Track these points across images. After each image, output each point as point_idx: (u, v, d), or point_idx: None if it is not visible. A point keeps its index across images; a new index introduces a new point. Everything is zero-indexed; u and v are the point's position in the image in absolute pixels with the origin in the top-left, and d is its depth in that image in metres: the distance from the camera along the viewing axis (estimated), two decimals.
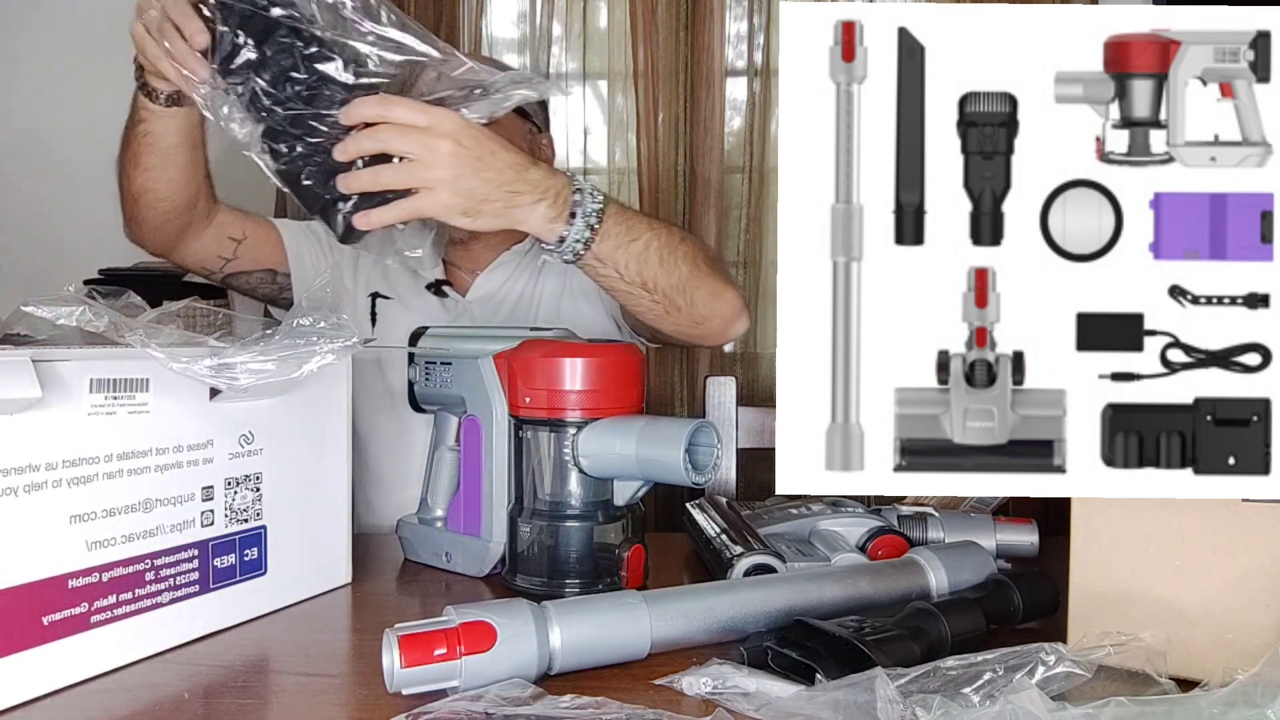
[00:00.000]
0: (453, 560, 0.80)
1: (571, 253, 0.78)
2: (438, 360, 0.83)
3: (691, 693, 0.53)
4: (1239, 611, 0.54)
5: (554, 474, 0.73)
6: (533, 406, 0.72)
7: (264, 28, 0.66)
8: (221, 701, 0.54)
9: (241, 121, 0.69)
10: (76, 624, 0.55)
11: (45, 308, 0.55)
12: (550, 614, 0.56)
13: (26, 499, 0.52)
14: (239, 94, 0.68)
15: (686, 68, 1.80)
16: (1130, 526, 0.56)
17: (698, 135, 1.78)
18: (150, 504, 0.59)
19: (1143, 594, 0.56)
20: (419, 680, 0.52)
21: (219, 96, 0.69)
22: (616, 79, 1.85)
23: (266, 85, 0.67)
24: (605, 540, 0.72)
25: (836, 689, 0.48)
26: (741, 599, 0.61)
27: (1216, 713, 0.43)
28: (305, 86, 0.68)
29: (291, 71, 0.67)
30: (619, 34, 1.84)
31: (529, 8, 1.88)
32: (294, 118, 0.68)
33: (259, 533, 0.68)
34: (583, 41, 1.87)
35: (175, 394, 0.60)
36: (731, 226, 1.80)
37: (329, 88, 0.68)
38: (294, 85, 0.67)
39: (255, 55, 0.67)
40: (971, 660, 0.49)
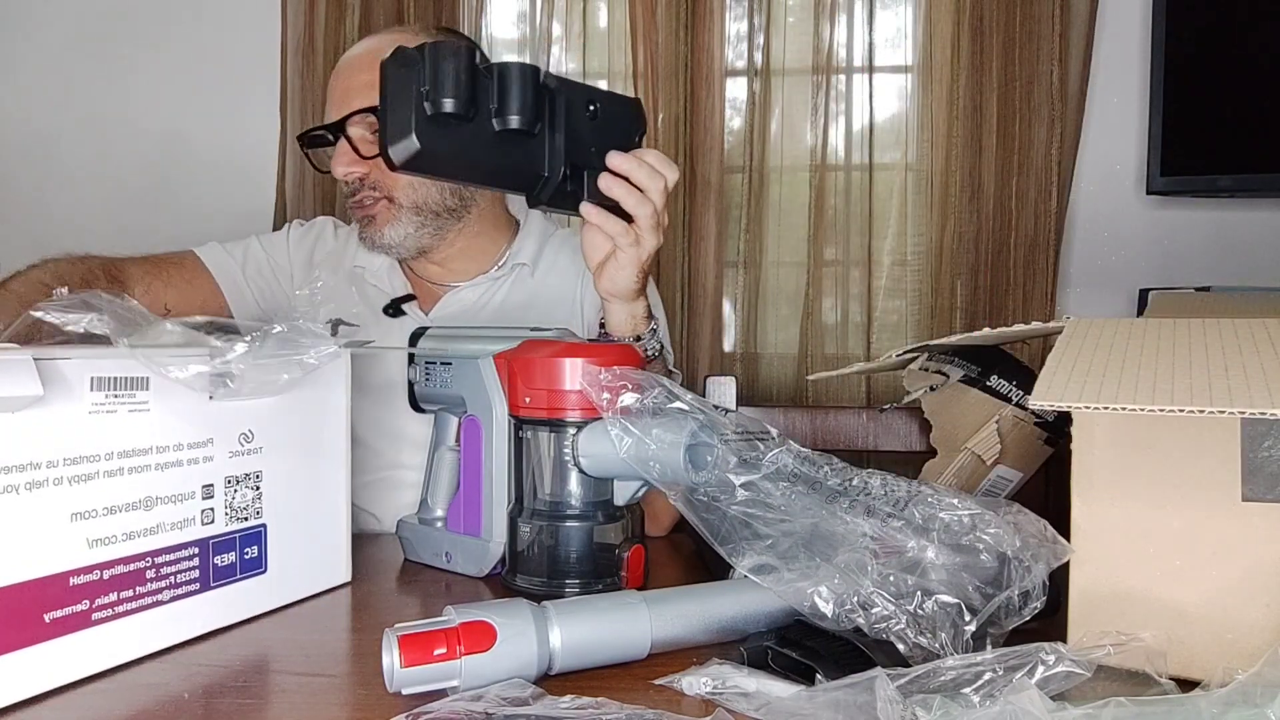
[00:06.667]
0: (453, 560, 0.80)
1: (641, 351, 0.88)
2: (438, 360, 0.83)
3: (691, 693, 0.53)
4: (1239, 611, 0.54)
5: (554, 474, 0.73)
6: (533, 406, 0.72)
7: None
8: (221, 701, 0.54)
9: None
10: (78, 621, 0.55)
11: (54, 313, 0.55)
12: (550, 614, 0.56)
13: (28, 496, 0.52)
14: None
15: (686, 68, 1.79)
16: (1130, 526, 0.57)
17: (697, 135, 1.78)
18: (151, 502, 0.60)
19: (1143, 594, 0.56)
20: (419, 680, 0.52)
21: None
22: (616, 79, 1.85)
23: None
24: (605, 540, 0.72)
25: (836, 689, 0.48)
26: (741, 599, 0.61)
27: (1216, 713, 0.43)
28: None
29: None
30: (619, 34, 1.84)
31: (529, 8, 1.88)
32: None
33: (259, 531, 0.68)
34: (583, 41, 1.87)
35: (176, 392, 0.61)
36: (731, 226, 1.80)
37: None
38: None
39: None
40: (971, 660, 0.49)
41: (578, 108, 0.79)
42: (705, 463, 0.68)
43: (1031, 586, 0.57)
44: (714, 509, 0.63)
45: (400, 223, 1.04)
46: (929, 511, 0.61)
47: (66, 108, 1.94)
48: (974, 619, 0.55)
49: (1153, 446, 0.56)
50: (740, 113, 1.81)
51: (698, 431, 0.66)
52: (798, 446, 0.65)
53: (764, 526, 0.62)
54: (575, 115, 0.79)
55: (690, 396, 0.67)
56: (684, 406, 0.67)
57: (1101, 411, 0.54)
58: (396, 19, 1.84)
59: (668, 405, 0.67)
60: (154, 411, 0.60)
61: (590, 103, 0.80)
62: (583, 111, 0.80)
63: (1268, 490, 0.54)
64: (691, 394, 0.68)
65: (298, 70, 1.85)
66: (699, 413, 0.66)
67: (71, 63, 1.94)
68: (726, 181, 1.80)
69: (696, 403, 0.67)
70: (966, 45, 1.69)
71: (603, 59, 1.86)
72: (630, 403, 0.67)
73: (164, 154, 1.92)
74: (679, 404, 0.67)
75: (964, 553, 0.59)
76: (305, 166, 1.84)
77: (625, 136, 0.83)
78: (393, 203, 1.04)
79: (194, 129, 1.92)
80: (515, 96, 0.74)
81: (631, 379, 0.68)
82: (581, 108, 0.80)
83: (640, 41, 1.80)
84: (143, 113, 1.92)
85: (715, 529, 0.62)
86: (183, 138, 1.92)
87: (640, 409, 0.67)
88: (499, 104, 0.74)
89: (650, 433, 0.65)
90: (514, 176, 0.78)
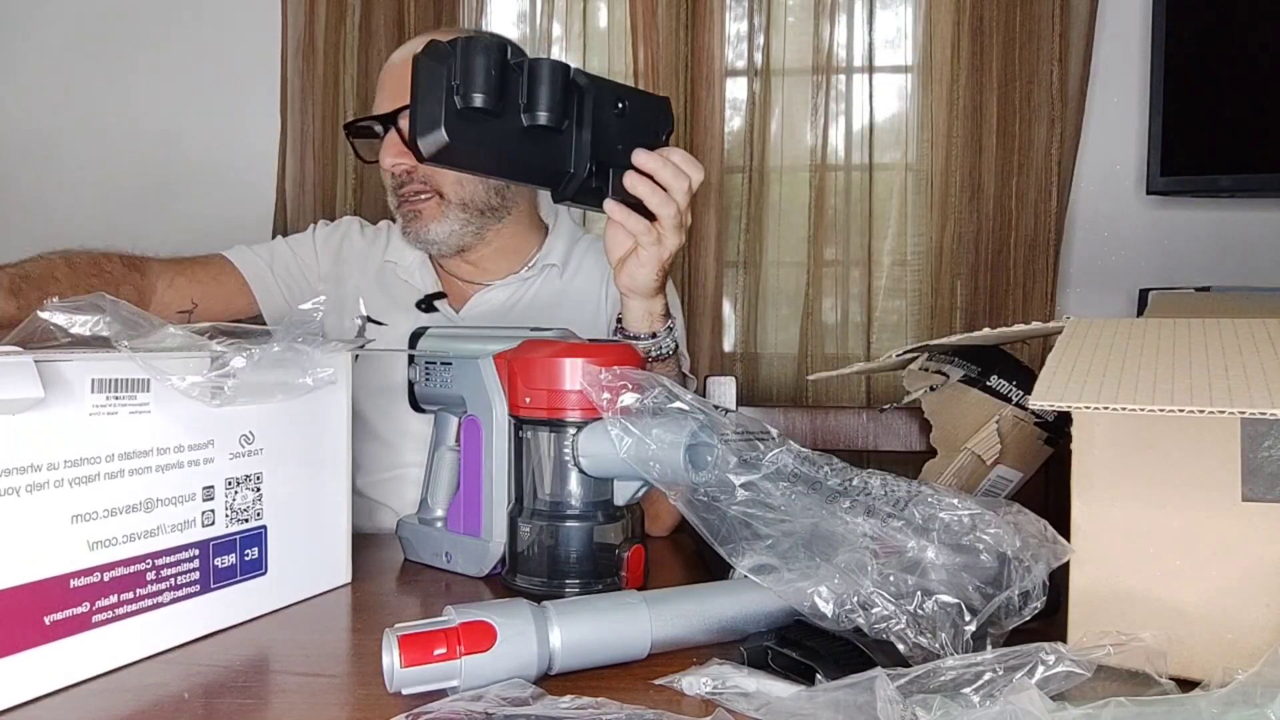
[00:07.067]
0: (453, 560, 0.80)
1: (656, 349, 0.91)
2: (438, 360, 0.83)
3: (691, 693, 0.53)
4: (1239, 611, 0.54)
5: (554, 474, 0.73)
6: (533, 406, 0.72)
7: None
8: (221, 701, 0.54)
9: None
10: (78, 624, 0.55)
11: (60, 314, 0.55)
12: (550, 614, 0.56)
13: (28, 499, 0.52)
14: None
15: (686, 68, 1.79)
16: (1130, 526, 0.57)
17: (698, 135, 1.78)
18: (151, 504, 0.60)
19: (1143, 594, 0.56)
20: (419, 680, 0.52)
21: None
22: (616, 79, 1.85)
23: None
24: (605, 540, 0.72)
25: (836, 689, 0.48)
26: (741, 599, 0.61)
27: (1216, 713, 0.43)
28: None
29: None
30: (619, 34, 1.83)
31: (529, 8, 1.88)
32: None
33: (259, 532, 0.68)
34: (583, 41, 1.87)
35: (176, 394, 0.60)
36: (731, 226, 1.80)
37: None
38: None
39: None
40: (971, 660, 0.49)
41: (606, 105, 0.79)
42: (705, 463, 0.68)
43: (1031, 586, 0.57)
44: (714, 509, 0.63)
45: (447, 219, 1.06)
46: (929, 511, 0.61)
47: (66, 108, 1.94)
48: (974, 619, 0.55)
49: (1153, 446, 0.56)
50: (740, 113, 1.81)
51: (698, 431, 0.66)
52: (798, 446, 0.65)
53: (764, 526, 0.62)
54: (603, 112, 0.79)
55: (690, 396, 0.67)
56: (684, 406, 0.67)
57: (1101, 411, 0.54)
58: (397, 19, 1.84)
59: (668, 405, 0.67)
60: (154, 413, 0.60)
61: (619, 100, 0.80)
62: (611, 109, 0.80)
63: (1268, 490, 0.54)
64: (691, 394, 0.68)
65: (298, 70, 1.85)
66: (699, 413, 0.66)
67: (71, 63, 1.94)
68: (726, 181, 1.80)
69: (696, 403, 0.67)
70: (966, 45, 1.69)
71: (603, 59, 1.86)
72: (630, 403, 0.67)
73: (164, 154, 1.92)
74: (679, 404, 0.67)
75: (964, 553, 0.59)
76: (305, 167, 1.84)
77: (652, 134, 0.84)
78: (442, 199, 1.05)
79: (194, 129, 1.91)
80: (544, 93, 0.74)
81: (631, 379, 0.68)
82: (610, 105, 0.80)
83: (640, 41, 1.80)
84: (142, 113, 1.92)
85: (715, 529, 0.62)
86: (182, 138, 1.92)
87: (640, 409, 0.67)
88: (528, 100, 0.74)
89: (650, 433, 0.65)
90: (540, 172, 0.79)
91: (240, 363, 0.60)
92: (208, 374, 0.60)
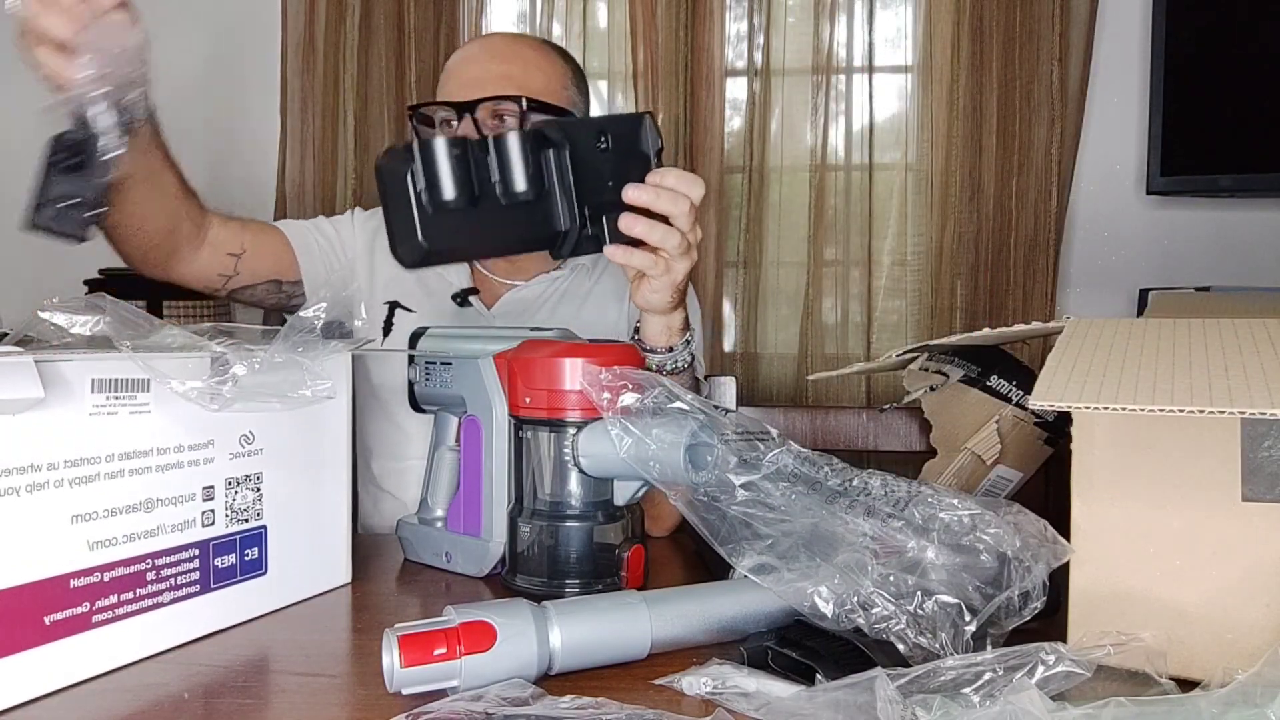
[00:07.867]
0: (453, 560, 0.80)
1: (671, 363, 0.90)
2: (438, 360, 0.83)
3: (691, 693, 0.53)
4: (1239, 611, 0.54)
5: (554, 474, 0.73)
6: (533, 406, 0.72)
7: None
8: (221, 701, 0.54)
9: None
10: (78, 624, 0.55)
11: (60, 314, 0.55)
12: (550, 614, 0.56)
13: (28, 499, 0.52)
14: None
15: (686, 68, 1.80)
16: (1130, 526, 0.57)
17: (698, 135, 1.78)
18: (151, 504, 0.60)
19: (1143, 594, 0.56)
20: (419, 680, 0.52)
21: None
22: (616, 79, 1.85)
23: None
24: (605, 540, 0.72)
25: (836, 689, 0.48)
26: (741, 599, 0.61)
27: (1216, 713, 0.43)
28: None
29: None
30: (619, 34, 1.84)
31: (529, 8, 1.88)
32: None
33: (259, 532, 0.68)
34: (583, 41, 1.87)
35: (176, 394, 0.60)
36: (731, 226, 1.80)
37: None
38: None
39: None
40: (971, 660, 0.49)
41: (587, 148, 0.77)
42: (705, 463, 0.68)
43: (1031, 586, 0.57)
44: (714, 509, 0.62)
45: None
46: (929, 512, 0.61)
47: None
48: (974, 619, 0.55)
49: (1153, 446, 0.56)
50: (740, 113, 1.81)
51: (698, 431, 0.66)
52: (798, 446, 0.65)
53: (764, 526, 0.62)
54: (585, 156, 0.76)
55: (690, 396, 0.67)
56: (684, 406, 0.67)
57: (1101, 411, 0.54)
58: (397, 19, 1.84)
59: (668, 405, 0.67)
60: (154, 413, 0.60)
61: (600, 135, 0.77)
62: (594, 147, 0.77)
63: (1268, 490, 0.54)
64: (691, 394, 0.68)
65: (298, 70, 1.85)
66: (699, 413, 0.66)
67: None
68: (726, 181, 1.80)
69: (696, 403, 0.67)
70: (966, 45, 1.69)
71: (603, 59, 1.86)
72: (630, 403, 0.67)
73: None
74: (679, 404, 0.67)
75: (964, 553, 0.59)
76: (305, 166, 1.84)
77: (643, 159, 0.80)
78: None
79: (194, 129, 1.91)
80: (516, 169, 0.72)
81: (631, 379, 0.68)
82: (591, 145, 0.77)
83: (640, 42, 1.80)
84: None
85: (715, 529, 0.62)
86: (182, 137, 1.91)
87: (640, 409, 0.67)
88: (501, 178, 0.72)
89: (650, 433, 0.65)
90: (533, 240, 0.77)
91: (241, 370, 0.60)
92: (207, 379, 0.59)
